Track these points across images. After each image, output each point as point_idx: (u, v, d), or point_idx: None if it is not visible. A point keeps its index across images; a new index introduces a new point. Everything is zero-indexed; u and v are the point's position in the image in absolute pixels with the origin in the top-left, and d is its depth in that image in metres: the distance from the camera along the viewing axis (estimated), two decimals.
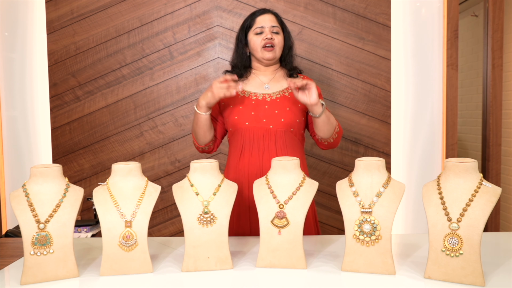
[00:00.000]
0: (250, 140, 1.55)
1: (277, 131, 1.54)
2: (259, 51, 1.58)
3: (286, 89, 1.61)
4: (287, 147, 1.55)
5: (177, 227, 2.50)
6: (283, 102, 1.57)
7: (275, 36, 1.58)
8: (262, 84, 1.62)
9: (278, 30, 1.59)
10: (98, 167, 2.51)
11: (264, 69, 1.64)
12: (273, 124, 1.54)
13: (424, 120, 2.48)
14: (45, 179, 1.13)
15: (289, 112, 1.55)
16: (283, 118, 1.54)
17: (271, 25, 1.57)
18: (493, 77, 2.64)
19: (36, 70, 2.51)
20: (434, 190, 1.10)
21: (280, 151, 1.54)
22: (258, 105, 1.56)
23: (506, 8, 2.73)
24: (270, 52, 1.57)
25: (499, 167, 2.69)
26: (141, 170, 1.21)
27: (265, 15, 1.59)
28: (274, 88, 1.61)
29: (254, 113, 1.55)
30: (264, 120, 1.54)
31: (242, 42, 1.64)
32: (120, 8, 2.45)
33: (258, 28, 1.57)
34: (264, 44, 1.57)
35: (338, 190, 1.17)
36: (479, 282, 1.00)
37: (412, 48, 2.46)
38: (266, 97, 1.58)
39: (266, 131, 1.54)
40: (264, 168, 1.53)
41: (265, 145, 1.54)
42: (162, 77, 2.48)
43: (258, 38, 1.58)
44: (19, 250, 1.31)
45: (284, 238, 1.15)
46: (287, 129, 1.56)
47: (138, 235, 1.12)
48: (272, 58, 1.59)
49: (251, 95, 1.59)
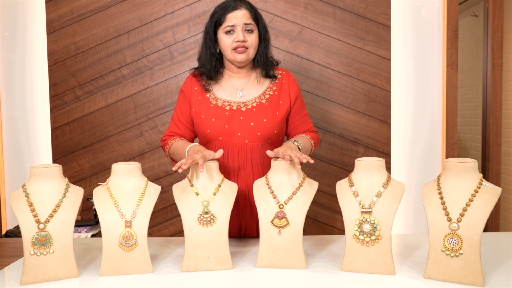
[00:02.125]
0: (224, 157, 1.40)
1: (253, 146, 1.41)
2: (229, 53, 1.42)
3: (262, 94, 1.46)
4: (264, 163, 1.43)
5: (177, 227, 2.50)
6: (260, 112, 1.43)
7: (248, 35, 1.41)
8: (236, 91, 1.47)
9: (252, 27, 1.42)
10: (98, 167, 2.51)
11: (237, 71, 1.49)
12: (249, 139, 1.41)
13: (424, 120, 2.48)
14: (45, 179, 1.13)
15: (266, 124, 1.42)
16: (260, 131, 1.41)
17: (243, 23, 1.40)
18: (493, 77, 2.64)
19: (36, 70, 2.51)
20: (434, 190, 1.10)
21: (256, 168, 1.42)
22: (232, 117, 1.42)
23: (506, 8, 2.73)
24: (242, 55, 1.42)
25: (499, 167, 2.69)
26: (141, 170, 1.22)
27: (237, 11, 1.40)
28: (249, 95, 1.46)
29: (228, 127, 1.41)
30: (239, 134, 1.41)
31: (211, 39, 1.46)
32: (120, 8, 2.45)
33: (228, 26, 1.40)
34: (235, 47, 1.41)
35: (338, 190, 1.17)
36: (479, 282, 1.00)
37: (412, 48, 2.46)
38: (241, 106, 1.43)
39: (241, 147, 1.41)
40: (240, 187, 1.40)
41: (240, 162, 1.41)
42: (162, 77, 2.48)
43: (228, 39, 1.41)
44: (19, 250, 1.31)
45: (284, 238, 1.15)
46: (264, 143, 1.43)
47: (138, 235, 1.12)
48: (245, 60, 1.44)
49: (224, 104, 1.44)
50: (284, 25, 2.44)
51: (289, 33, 2.44)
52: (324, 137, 2.48)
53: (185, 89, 1.52)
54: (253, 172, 1.42)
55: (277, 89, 1.49)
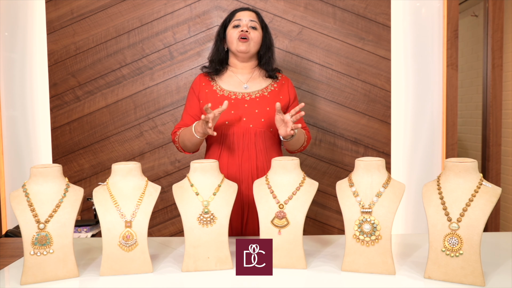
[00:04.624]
0: (230, 139, 1.54)
1: (256, 131, 1.54)
2: (234, 43, 1.58)
3: (265, 88, 1.61)
4: (266, 147, 1.56)
5: (177, 227, 2.50)
6: (263, 101, 1.57)
7: (251, 30, 1.58)
8: (241, 84, 1.61)
9: (256, 25, 1.59)
10: (98, 167, 2.51)
11: (242, 67, 1.64)
12: (253, 124, 1.54)
13: (424, 120, 2.48)
14: (45, 179, 1.13)
15: (269, 112, 1.56)
16: (263, 118, 1.54)
17: (249, 19, 1.59)
18: (493, 77, 2.64)
19: (36, 70, 2.51)
20: (434, 190, 1.10)
21: (259, 151, 1.54)
22: (237, 104, 1.55)
23: (506, 8, 2.73)
24: (244, 44, 1.56)
25: (499, 167, 2.69)
26: (141, 170, 1.22)
27: (245, 11, 1.61)
28: (253, 88, 1.61)
29: (234, 112, 1.54)
30: (244, 119, 1.54)
31: (221, 37, 1.65)
32: (120, 8, 2.45)
33: (236, 21, 1.59)
34: (239, 36, 1.56)
35: (338, 190, 1.17)
36: (479, 282, 1.00)
37: (412, 48, 2.46)
38: (245, 96, 1.58)
39: (246, 130, 1.54)
40: (244, 168, 1.53)
41: (244, 145, 1.53)
42: (162, 77, 2.48)
43: (234, 31, 1.58)
44: (19, 250, 1.31)
45: (284, 238, 1.15)
46: (267, 129, 1.56)
47: (138, 235, 1.12)
48: (245, 51, 1.58)
49: (230, 94, 1.58)
50: (284, 25, 2.44)
51: (289, 33, 2.44)
52: (324, 137, 2.48)
53: (194, 85, 1.66)
54: (257, 154, 1.54)
55: (278, 86, 1.64)
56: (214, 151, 1.57)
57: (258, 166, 1.54)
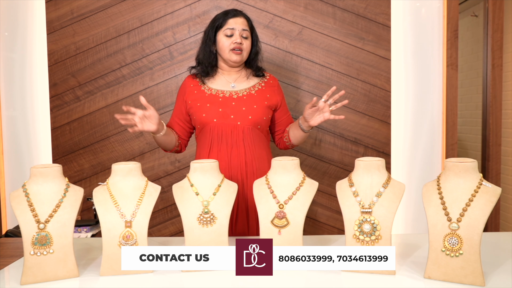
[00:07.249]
0: (219, 137, 1.57)
1: (244, 128, 1.57)
2: (226, 52, 1.61)
3: (252, 87, 1.65)
4: (255, 144, 1.59)
5: (177, 227, 2.50)
6: (250, 99, 1.61)
7: (244, 40, 1.61)
8: (228, 83, 1.65)
9: (247, 34, 1.62)
10: (98, 167, 2.51)
11: (229, 69, 1.68)
12: (241, 121, 1.57)
13: (424, 120, 2.48)
14: (45, 179, 1.13)
15: (256, 110, 1.59)
16: (251, 115, 1.58)
17: (242, 29, 1.60)
18: (493, 77, 2.64)
19: (36, 70, 2.51)
20: (434, 190, 1.10)
21: (248, 147, 1.58)
22: (225, 102, 1.59)
23: (506, 8, 2.73)
24: (237, 56, 1.60)
25: (499, 167, 2.69)
26: (141, 170, 1.22)
27: (237, 18, 1.61)
28: (240, 86, 1.65)
29: (221, 110, 1.58)
30: (231, 117, 1.57)
31: (210, 40, 1.65)
32: (120, 8, 2.45)
33: (228, 29, 1.60)
34: (233, 48, 1.59)
35: (338, 190, 1.17)
36: (479, 282, 1.00)
37: (412, 48, 2.46)
38: (233, 94, 1.62)
39: (234, 128, 1.57)
40: (233, 164, 1.56)
41: (233, 141, 1.57)
42: (162, 77, 2.48)
43: (227, 40, 1.60)
44: (19, 250, 1.31)
45: (284, 238, 1.15)
46: (254, 126, 1.59)
47: (138, 235, 1.12)
48: (239, 61, 1.63)
49: (218, 93, 1.62)
50: (284, 25, 2.44)
51: (289, 33, 2.44)
52: (324, 137, 2.48)
53: (182, 87, 1.70)
54: (245, 150, 1.58)
55: (265, 85, 1.68)
56: (204, 149, 1.60)
57: (247, 162, 1.57)
